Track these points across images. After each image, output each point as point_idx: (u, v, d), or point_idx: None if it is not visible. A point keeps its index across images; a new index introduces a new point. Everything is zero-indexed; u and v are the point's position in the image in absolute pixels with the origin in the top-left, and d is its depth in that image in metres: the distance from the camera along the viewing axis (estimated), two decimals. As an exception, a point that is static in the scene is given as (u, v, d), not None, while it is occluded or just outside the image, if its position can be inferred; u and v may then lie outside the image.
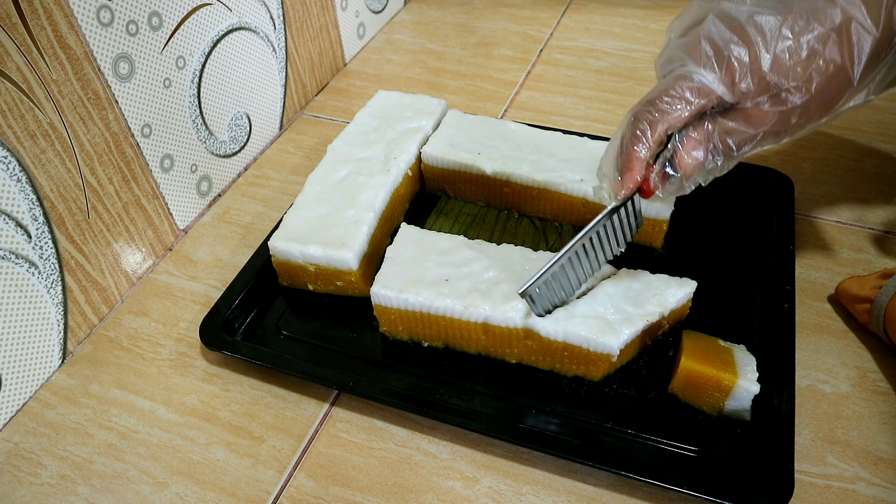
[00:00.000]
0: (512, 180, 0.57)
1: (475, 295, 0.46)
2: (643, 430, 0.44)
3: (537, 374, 0.48)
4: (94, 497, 0.44)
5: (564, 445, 0.42)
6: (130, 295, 0.57)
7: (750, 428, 0.43)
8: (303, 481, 0.44)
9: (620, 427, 0.44)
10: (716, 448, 0.43)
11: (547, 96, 0.76)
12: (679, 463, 0.42)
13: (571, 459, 0.42)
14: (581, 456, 0.42)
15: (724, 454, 0.42)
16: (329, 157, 0.58)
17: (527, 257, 0.49)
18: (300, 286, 0.54)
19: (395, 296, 0.47)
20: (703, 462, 0.42)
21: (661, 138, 0.40)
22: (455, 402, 0.46)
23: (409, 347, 0.50)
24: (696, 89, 0.39)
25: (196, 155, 0.62)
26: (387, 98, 0.65)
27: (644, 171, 0.41)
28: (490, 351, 0.48)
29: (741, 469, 0.41)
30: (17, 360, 0.49)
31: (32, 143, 0.46)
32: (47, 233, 0.49)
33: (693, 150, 0.40)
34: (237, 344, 0.50)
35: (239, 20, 0.64)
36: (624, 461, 0.41)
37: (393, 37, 0.89)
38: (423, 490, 0.43)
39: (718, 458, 0.42)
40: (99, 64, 0.50)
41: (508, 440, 0.44)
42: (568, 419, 0.45)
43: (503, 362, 0.49)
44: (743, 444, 0.42)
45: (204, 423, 0.48)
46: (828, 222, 0.58)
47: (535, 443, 0.43)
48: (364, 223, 0.52)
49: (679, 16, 0.43)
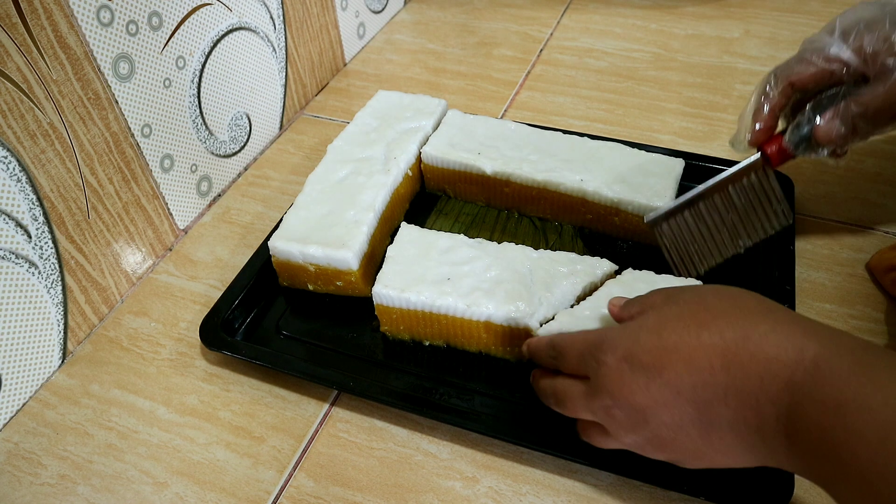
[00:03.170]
0: (512, 180, 0.57)
1: (478, 294, 0.46)
2: None
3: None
4: (94, 497, 0.44)
5: (566, 445, 0.42)
6: (130, 295, 0.57)
7: None
8: (303, 481, 0.44)
9: None
10: None
11: (547, 96, 0.76)
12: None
13: (572, 460, 0.42)
14: (583, 456, 0.42)
15: None
16: (329, 158, 0.58)
17: (528, 256, 0.49)
18: (300, 286, 0.54)
19: (397, 295, 0.47)
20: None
21: (787, 91, 0.46)
22: (456, 401, 0.46)
23: (409, 347, 0.50)
24: (825, 56, 0.44)
25: (196, 155, 0.62)
26: (387, 98, 0.65)
27: (772, 122, 0.47)
28: (492, 350, 0.48)
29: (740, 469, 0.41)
30: (17, 360, 0.49)
31: (32, 143, 0.46)
32: (47, 233, 0.49)
33: (827, 115, 0.44)
34: (237, 344, 0.50)
35: (239, 20, 0.64)
36: (625, 462, 0.41)
37: (393, 37, 0.89)
38: (423, 490, 0.43)
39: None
40: (99, 64, 0.50)
41: (510, 440, 0.44)
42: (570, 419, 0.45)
43: (505, 361, 0.49)
44: None
45: (204, 423, 0.48)
46: (828, 222, 0.58)
47: (537, 443, 0.43)
48: (364, 223, 0.52)
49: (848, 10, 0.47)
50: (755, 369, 0.31)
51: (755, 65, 0.77)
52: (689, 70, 0.78)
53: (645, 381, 0.33)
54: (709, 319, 0.33)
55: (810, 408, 0.29)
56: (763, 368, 0.30)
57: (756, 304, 0.33)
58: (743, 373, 0.31)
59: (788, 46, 0.79)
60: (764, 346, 0.31)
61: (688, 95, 0.74)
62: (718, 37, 0.82)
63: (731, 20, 0.85)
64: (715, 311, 0.33)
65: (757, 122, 0.47)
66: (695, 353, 0.32)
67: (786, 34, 0.82)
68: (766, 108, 0.47)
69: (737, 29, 0.83)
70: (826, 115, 0.44)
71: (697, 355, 0.32)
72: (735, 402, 0.31)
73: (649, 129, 0.69)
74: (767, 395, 0.30)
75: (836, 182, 0.61)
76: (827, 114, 0.44)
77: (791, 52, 0.48)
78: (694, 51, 0.81)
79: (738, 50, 0.80)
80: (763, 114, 0.47)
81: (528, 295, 0.46)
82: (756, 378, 0.31)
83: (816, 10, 0.85)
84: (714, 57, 0.79)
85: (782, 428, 0.30)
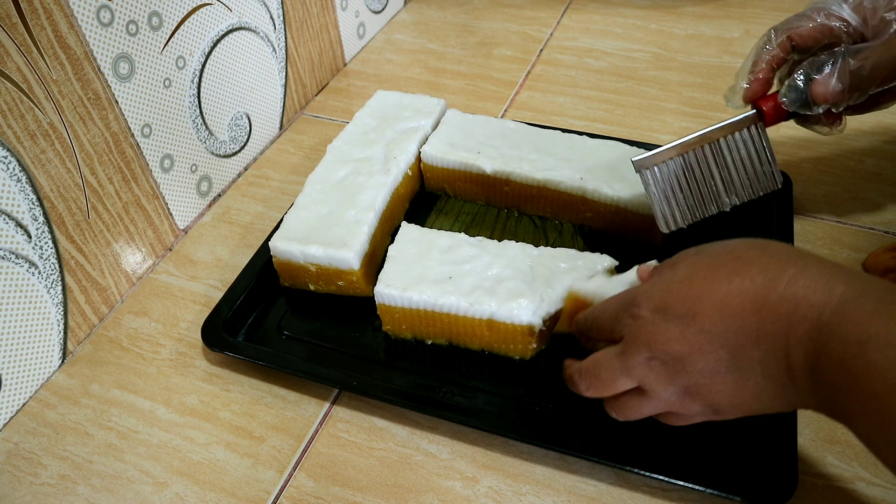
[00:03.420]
0: (512, 179, 0.57)
1: (480, 292, 0.46)
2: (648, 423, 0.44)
3: (542, 370, 0.48)
4: (94, 497, 0.44)
5: (568, 442, 0.43)
6: (130, 295, 0.57)
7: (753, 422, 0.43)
8: (303, 481, 0.44)
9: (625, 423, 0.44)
10: (719, 442, 0.43)
11: (547, 96, 0.76)
12: (683, 457, 0.42)
13: (575, 455, 0.42)
14: (586, 452, 0.42)
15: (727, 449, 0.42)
16: (328, 158, 0.58)
17: (528, 253, 0.49)
18: (301, 286, 0.54)
19: (400, 294, 0.47)
20: (707, 456, 0.42)
21: (785, 45, 0.46)
22: (459, 399, 0.46)
23: (411, 346, 0.50)
24: (825, 13, 0.45)
25: (196, 155, 0.62)
26: (385, 98, 0.65)
27: (769, 74, 0.47)
28: (494, 347, 0.49)
29: (744, 463, 0.42)
30: (17, 360, 0.49)
31: (32, 143, 0.46)
32: (47, 233, 0.49)
33: (823, 70, 0.44)
34: (240, 345, 0.50)
35: (239, 20, 0.64)
36: (629, 458, 0.41)
37: (393, 37, 0.89)
38: (423, 490, 0.43)
39: (721, 453, 0.42)
40: (99, 64, 0.50)
41: (514, 437, 0.44)
42: (570, 419, 0.45)
43: (507, 358, 0.49)
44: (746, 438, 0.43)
45: (204, 423, 0.48)
46: (828, 222, 0.58)
47: (542, 439, 0.43)
48: (365, 223, 0.52)
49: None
50: (784, 310, 0.31)
51: (755, 65, 0.77)
52: (689, 70, 0.78)
53: (680, 330, 0.34)
54: (739, 266, 0.34)
55: (835, 345, 0.30)
56: (792, 309, 0.31)
57: (785, 250, 0.34)
58: (773, 314, 0.32)
59: (788, 46, 0.79)
60: (794, 288, 0.32)
61: (688, 95, 0.74)
62: (718, 37, 0.82)
63: (731, 20, 0.85)
64: (745, 259, 0.34)
65: (754, 75, 0.47)
66: (727, 298, 0.33)
67: (786, 34, 0.82)
68: (765, 60, 0.47)
69: (737, 29, 0.83)
70: (823, 70, 0.44)
71: (729, 300, 0.33)
72: (766, 343, 0.32)
73: (649, 129, 0.69)
74: (797, 335, 0.31)
75: (836, 182, 0.61)
76: (824, 69, 0.44)
77: (791, 51, 0.48)
78: (694, 51, 0.81)
79: (738, 50, 0.80)
80: (761, 66, 0.47)
81: (529, 292, 0.46)
82: (785, 319, 0.31)
83: (816, 9, 0.85)
84: (714, 57, 0.79)
85: (809, 366, 0.31)
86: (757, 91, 0.48)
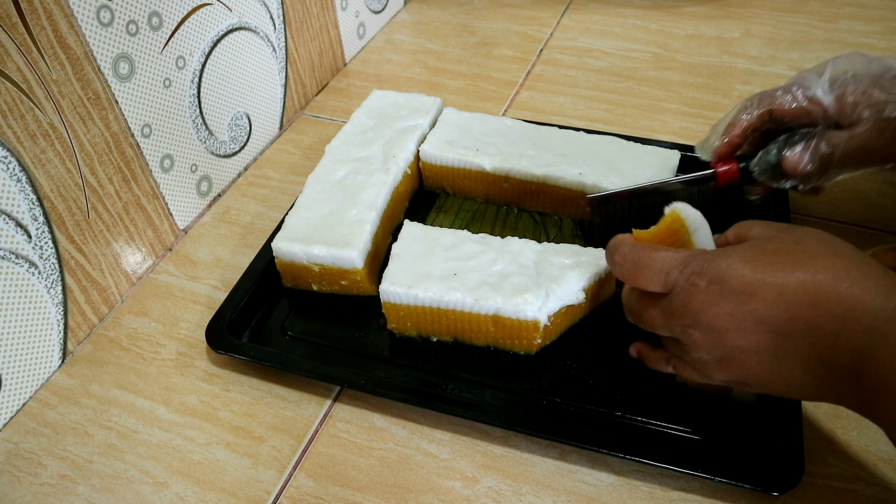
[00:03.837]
0: (511, 175, 0.57)
1: (485, 288, 0.46)
2: (654, 417, 0.44)
3: (547, 365, 0.48)
4: (94, 497, 0.44)
5: (575, 434, 0.43)
6: (130, 295, 0.57)
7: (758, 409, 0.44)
8: (303, 481, 0.44)
9: (631, 415, 0.45)
10: (723, 432, 0.43)
11: (547, 96, 0.76)
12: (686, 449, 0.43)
13: (582, 447, 0.43)
14: (592, 444, 0.42)
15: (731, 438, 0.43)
16: (328, 158, 0.59)
17: (532, 249, 0.49)
18: (304, 287, 0.54)
19: (405, 292, 0.47)
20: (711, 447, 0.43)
21: (764, 116, 0.48)
22: (466, 395, 0.47)
23: (417, 343, 0.50)
24: (808, 95, 0.46)
25: (196, 155, 0.62)
26: (382, 97, 0.65)
27: (741, 140, 0.49)
28: (499, 343, 0.49)
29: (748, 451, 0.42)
30: (17, 360, 0.49)
31: (32, 143, 0.46)
32: (47, 233, 0.49)
33: (798, 147, 0.47)
34: (244, 346, 0.50)
35: (239, 20, 0.64)
36: (636, 449, 0.42)
37: (393, 37, 0.89)
38: (423, 490, 0.43)
39: (725, 443, 0.43)
40: (99, 64, 0.50)
41: (523, 431, 0.44)
42: (572, 418, 0.45)
43: (513, 354, 0.49)
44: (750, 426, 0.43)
45: (204, 423, 0.48)
46: (828, 222, 0.58)
47: (550, 433, 0.43)
48: (367, 222, 0.52)
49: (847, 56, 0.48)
50: (840, 310, 0.33)
51: (755, 65, 0.77)
52: (689, 70, 0.78)
53: (731, 307, 0.35)
54: (805, 259, 0.34)
55: (885, 351, 0.31)
56: (848, 310, 0.32)
57: (851, 253, 0.35)
58: (828, 311, 0.33)
59: (788, 46, 0.79)
60: (854, 291, 0.33)
61: (688, 95, 0.74)
62: (718, 37, 0.82)
63: (731, 20, 0.85)
64: (811, 252, 0.35)
65: (727, 136, 0.50)
66: (786, 287, 0.34)
67: (786, 34, 0.82)
68: (741, 124, 0.49)
69: (737, 29, 0.83)
70: (797, 147, 0.47)
71: (788, 290, 0.34)
72: (814, 337, 0.33)
73: (649, 129, 0.69)
74: (846, 335, 0.32)
75: (836, 182, 0.61)
76: (798, 147, 0.47)
77: (791, 52, 0.48)
78: (694, 51, 0.81)
79: (738, 50, 0.80)
80: (736, 129, 0.49)
81: (535, 287, 0.46)
82: (840, 318, 0.33)
83: (816, 10, 0.85)
84: (714, 57, 0.79)
85: (855, 367, 0.32)
86: (723, 153, 0.50)
